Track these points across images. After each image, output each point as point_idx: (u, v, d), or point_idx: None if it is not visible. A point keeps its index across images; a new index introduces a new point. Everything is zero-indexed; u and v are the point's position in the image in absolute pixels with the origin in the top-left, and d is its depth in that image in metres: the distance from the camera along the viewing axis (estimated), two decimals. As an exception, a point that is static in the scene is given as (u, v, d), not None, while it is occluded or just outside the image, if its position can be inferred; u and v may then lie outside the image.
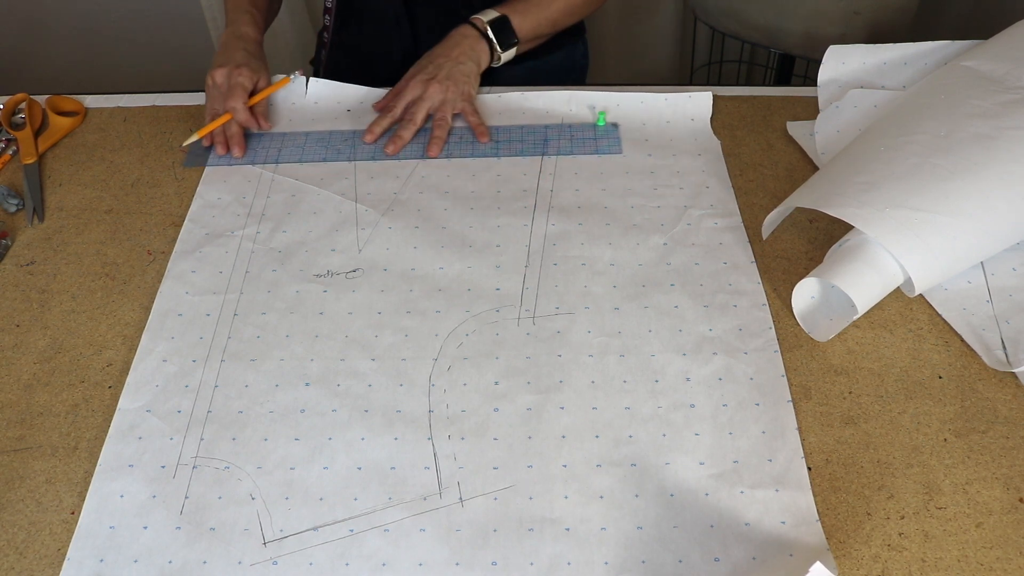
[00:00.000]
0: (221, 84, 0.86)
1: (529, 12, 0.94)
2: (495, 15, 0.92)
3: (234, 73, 0.85)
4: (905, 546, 0.55)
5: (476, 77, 0.91)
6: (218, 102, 0.86)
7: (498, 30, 0.92)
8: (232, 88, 0.85)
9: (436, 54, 0.91)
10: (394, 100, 0.89)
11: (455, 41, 0.91)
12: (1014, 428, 0.61)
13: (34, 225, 0.81)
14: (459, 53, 0.90)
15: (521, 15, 0.93)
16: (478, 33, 0.92)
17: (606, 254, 0.74)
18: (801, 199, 0.69)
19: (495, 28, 0.92)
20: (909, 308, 0.69)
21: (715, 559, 0.55)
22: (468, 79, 0.89)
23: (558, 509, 0.57)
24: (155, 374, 0.66)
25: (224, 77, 0.86)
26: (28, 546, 0.57)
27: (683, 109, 0.89)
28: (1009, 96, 0.71)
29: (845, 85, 0.87)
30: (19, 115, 0.92)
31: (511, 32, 0.93)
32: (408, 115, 0.87)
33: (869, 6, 1.24)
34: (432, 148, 0.85)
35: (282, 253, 0.76)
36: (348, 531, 0.57)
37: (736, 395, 0.63)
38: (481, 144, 0.86)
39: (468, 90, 0.89)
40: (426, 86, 0.87)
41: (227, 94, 0.85)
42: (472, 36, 0.91)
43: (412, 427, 0.62)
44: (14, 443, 0.63)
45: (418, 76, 0.89)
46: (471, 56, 0.90)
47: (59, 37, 1.76)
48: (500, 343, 0.67)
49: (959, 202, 0.65)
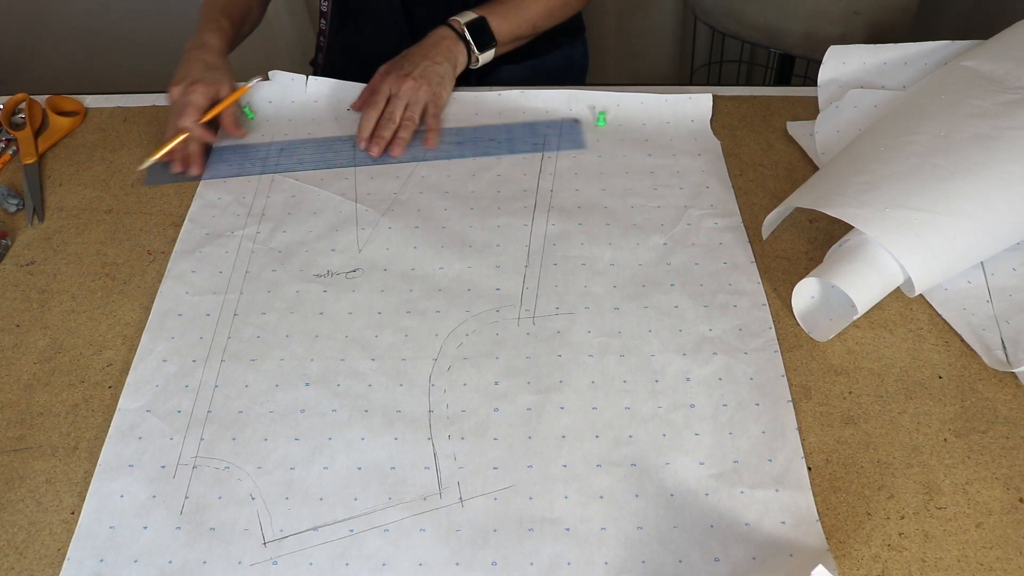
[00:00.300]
0: (176, 102, 0.85)
1: (508, 14, 0.94)
2: (473, 16, 0.92)
3: (188, 90, 0.84)
4: (905, 546, 0.55)
5: (451, 79, 0.90)
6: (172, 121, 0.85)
7: (476, 32, 0.91)
8: (184, 107, 0.83)
9: (413, 53, 0.90)
10: (372, 97, 0.88)
11: (433, 42, 0.91)
12: (1014, 428, 0.61)
13: (34, 225, 0.81)
14: (436, 53, 0.89)
15: (500, 17, 0.93)
16: (456, 35, 0.91)
17: (606, 254, 0.74)
18: (801, 199, 0.69)
19: (473, 30, 0.91)
20: (909, 308, 0.69)
21: (715, 559, 0.55)
22: (442, 80, 0.88)
23: (558, 509, 0.57)
24: (155, 374, 0.66)
25: (179, 95, 0.84)
26: (28, 546, 0.57)
27: (683, 110, 0.89)
28: (1009, 96, 0.71)
29: (845, 85, 0.87)
30: (19, 115, 0.92)
31: (489, 34, 0.92)
32: (386, 113, 0.86)
33: (869, 6, 1.23)
34: (394, 148, 0.85)
35: (282, 253, 0.76)
36: (348, 531, 0.57)
37: (736, 395, 0.63)
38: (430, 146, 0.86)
39: (439, 91, 0.88)
40: (400, 82, 0.86)
41: (179, 113, 0.83)
42: (450, 37, 0.91)
43: (412, 427, 0.62)
44: (14, 443, 0.63)
45: (393, 72, 0.88)
46: (448, 57, 0.89)
47: (59, 37, 1.76)
48: (500, 343, 0.67)
49: (959, 202, 0.65)
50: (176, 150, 0.84)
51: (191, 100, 0.83)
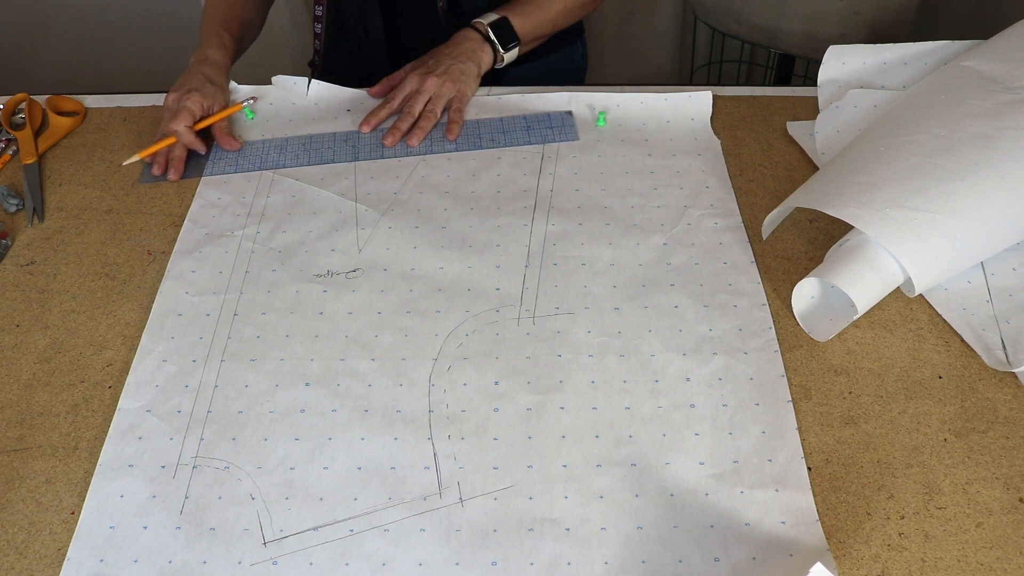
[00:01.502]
0: (170, 107, 0.87)
1: (529, 13, 0.95)
2: (495, 17, 0.94)
3: (183, 98, 0.86)
4: (905, 546, 0.55)
5: (475, 78, 0.91)
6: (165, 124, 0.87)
7: (499, 31, 0.93)
8: (178, 112, 0.85)
9: (439, 52, 0.92)
10: (392, 92, 0.90)
11: (457, 42, 0.92)
12: (1014, 428, 0.61)
13: (34, 225, 0.81)
14: (461, 53, 0.91)
15: (521, 16, 0.94)
16: (480, 36, 0.93)
17: (606, 254, 0.74)
18: (801, 199, 0.69)
19: (496, 30, 0.93)
20: (909, 308, 0.69)
21: (715, 559, 0.55)
22: (466, 78, 0.90)
23: (558, 509, 0.57)
24: (155, 374, 0.66)
25: (174, 101, 0.86)
26: (28, 546, 0.57)
27: (683, 109, 0.89)
28: (1009, 96, 0.71)
29: (845, 85, 0.87)
30: (19, 115, 0.92)
31: (512, 33, 0.93)
32: (406, 108, 0.88)
33: (869, 6, 1.23)
34: (412, 138, 0.86)
35: (282, 253, 0.76)
36: (348, 531, 0.57)
37: (736, 395, 0.63)
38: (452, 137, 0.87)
39: (464, 89, 0.89)
40: (424, 79, 0.88)
41: (173, 117, 0.85)
42: (475, 39, 0.92)
43: (412, 427, 0.62)
44: (14, 443, 0.63)
45: (418, 69, 0.90)
46: (473, 58, 0.91)
47: (59, 37, 1.76)
48: (500, 343, 0.67)
49: (959, 202, 0.65)
50: (160, 152, 0.86)
51: (186, 106, 0.85)
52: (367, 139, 0.88)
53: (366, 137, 0.88)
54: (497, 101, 0.92)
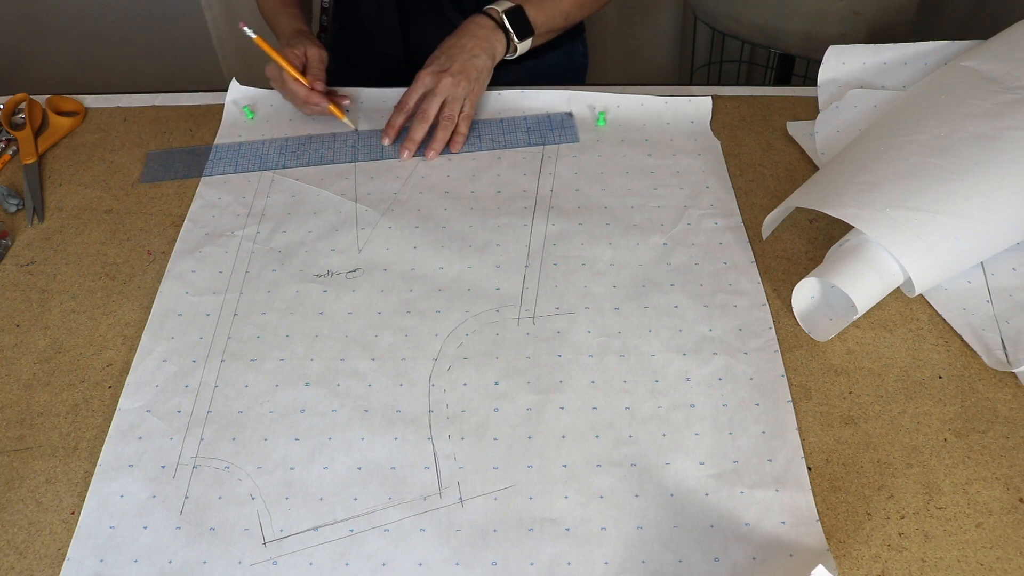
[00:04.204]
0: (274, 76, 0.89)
1: (543, 4, 0.93)
2: (510, 5, 0.90)
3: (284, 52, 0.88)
4: (905, 546, 0.55)
5: (488, 72, 0.88)
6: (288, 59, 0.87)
7: (514, 20, 0.90)
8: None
9: (450, 45, 0.88)
10: (405, 95, 0.87)
11: (470, 32, 0.89)
12: (1014, 428, 0.61)
13: (34, 225, 0.81)
14: (474, 45, 0.87)
15: (536, 7, 0.92)
16: (494, 23, 0.89)
17: (606, 254, 0.74)
18: (801, 199, 0.69)
19: (511, 18, 0.90)
20: (909, 308, 0.69)
21: (715, 559, 0.55)
22: (480, 74, 0.87)
23: (558, 509, 0.57)
24: (155, 374, 0.66)
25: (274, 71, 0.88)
26: (28, 546, 0.57)
27: (683, 112, 0.89)
28: (1009, 96, 0.71)
29: (845, 85, 0.87)
30: (19, 115, 0.92)
31: (527, 22, 0.91)
32: (420, 112, 0.85)
33: (869, 6, 1.23)
34: (429, 152, 0.85)
35: (282, 253, 0.76)
36: (348, 531, 0.57)
37: (736, 395, 0.63)
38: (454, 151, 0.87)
39: (477, 88, 0.87)
40: (438, 79, 0.85)
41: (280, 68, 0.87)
42: (488, 27, 0.89)
43: (412, 427, 0.62)
44: (14, 443, 0.63)
45: (430, 68, 0.87)
46: (486, 48, 0.88)
47: (59, 37, 1.76)
48: (500, 343, 0.67)
49: (959, 202, 0.65)
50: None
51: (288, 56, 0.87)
52: (367, 139, 0.88)
53: (366, 137, 0.88)
54: (497, 98, 0.92)
